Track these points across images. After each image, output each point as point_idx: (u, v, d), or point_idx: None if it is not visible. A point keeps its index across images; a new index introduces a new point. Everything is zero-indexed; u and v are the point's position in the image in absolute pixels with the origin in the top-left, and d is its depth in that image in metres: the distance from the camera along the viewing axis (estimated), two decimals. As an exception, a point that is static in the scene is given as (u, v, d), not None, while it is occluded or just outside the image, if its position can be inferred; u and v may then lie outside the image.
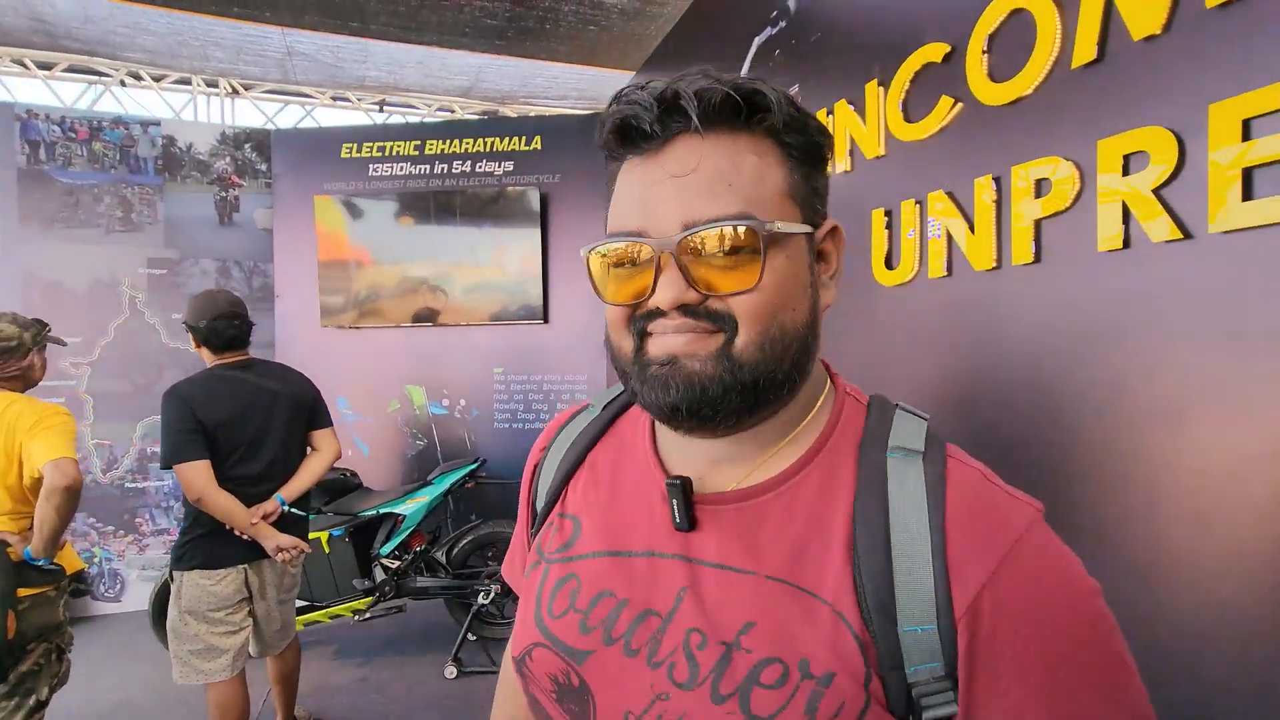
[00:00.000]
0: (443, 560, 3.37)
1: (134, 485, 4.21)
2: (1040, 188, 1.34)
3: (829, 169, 0.58)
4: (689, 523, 0.56)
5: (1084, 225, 1.25)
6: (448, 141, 4.35)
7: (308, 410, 2.40)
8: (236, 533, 2.18)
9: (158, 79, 4.81)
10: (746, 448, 0.56)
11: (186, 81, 4.86)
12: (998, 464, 0.56)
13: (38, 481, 1.98)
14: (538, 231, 4.13)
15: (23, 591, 1.97)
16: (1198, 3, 1.06)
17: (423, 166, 4.36)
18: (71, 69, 4.67)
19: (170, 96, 4.93)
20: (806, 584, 0.50)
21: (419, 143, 4.35)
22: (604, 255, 0.54)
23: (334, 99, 5.20)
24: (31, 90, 4.62)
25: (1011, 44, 1.40)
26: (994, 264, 1.44)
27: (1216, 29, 1.04)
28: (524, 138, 4.31)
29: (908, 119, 1.69)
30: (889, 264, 1.76)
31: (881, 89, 1.76)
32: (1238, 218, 0.99)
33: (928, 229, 1.63)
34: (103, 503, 4.14)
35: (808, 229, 0.54)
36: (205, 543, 2.19)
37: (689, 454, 0.59)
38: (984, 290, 1.49)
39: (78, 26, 3.96)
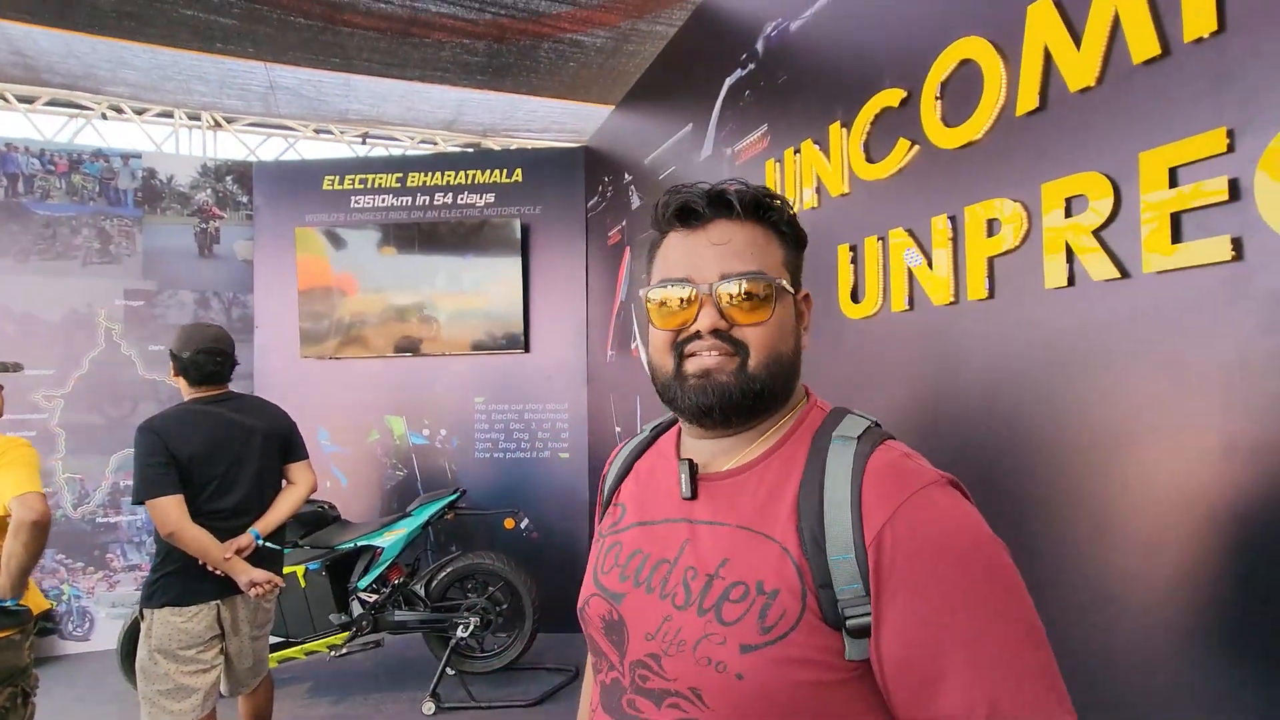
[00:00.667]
0: (421, 593, 3.33)
1: (105, 520, 4.13)
2: (991, 227, 1.40)
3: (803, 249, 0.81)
4: (692, 492, 0.75)
5: (1032, 263, 1.31)
6: (430, 174, 4.40)
7: (282, 443, 2.40)
8: (209, 568, 2.16)
9: (140, 112, 4.83)
10: (740, 442, 0.75)
11: (169, 115, 4.89)
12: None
13: (3, 518, 1.95)
14: (519, 261, 4.18)
15: None
16: (1125, 59, 1.14)
17: (405, 198, 4.40)
18: (53, 103, 4.68)
19: (152, 129, 4.95)
20: (764, 529, 0.69)
21: (401, 175, 4.41)
22: (660, 295, 0.75)
23: (317, 132, 5.25)
24: (12, 123, 4.62)
25: (962, 91, 1.48)
26: (952, 299, 1.50)
27: (1143, 83, 1.11)
28: (505, 170, 4.38)
29: (869, 159, 1.76)
30: (854, 297, 1.81)
31: (844, 130, 1.84)
32: (1167, 259, 1.05)
33: (895, 262, 1.69)
34: (72, 538, 4.06)
35: (792, 291, 0.76)
36: (177, 579, 2.16)
37: (699, 450, 0.78)
38: (943, 323, 1.54)
39: (59, 61, 3.99)
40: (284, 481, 2.42)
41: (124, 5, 3.22)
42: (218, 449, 2.21)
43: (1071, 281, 1.23)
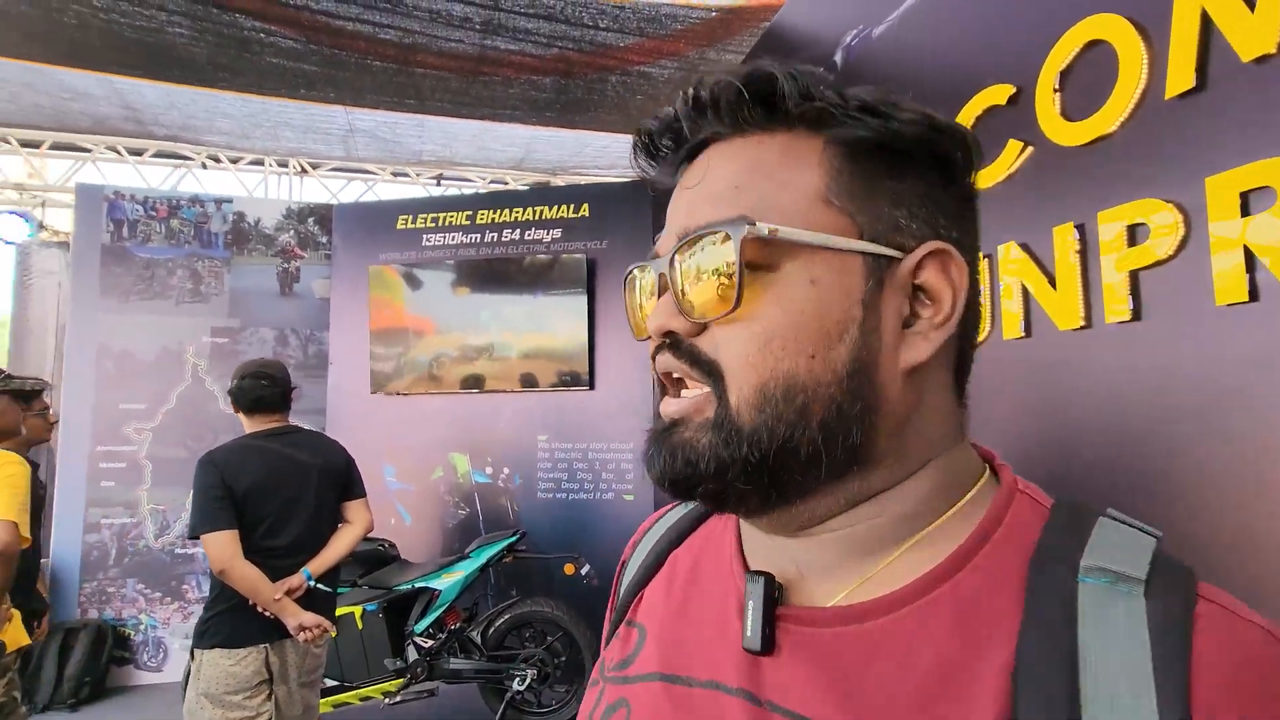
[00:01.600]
0: (478, 640, 3.19)
1: (183, 551, 4.23)
2: (1134, 235, 1.16)
3: (961, 176, 0.44)
4: (762, 641, 0.42)
5: (1195, 276, 1.05)
6: (498, 210, 4.43)
7: (340, 481, 2.33)
8: (260, 609, 2.08)
9: (235, 160, 5.14)
10: (845, 550, 0.43)
11: (260, 162, 5.17)
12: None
13: None
14: (584, 298, 4.10)
15: None
16: (1324, 12, 0.90)
17: (474, 235, 4.43)
18: (159, 154, 5.04)
19: (245, 176, 5.25)
20: None
21: (470, 212, 4.45)
22: (629, 284, 0.50)
23: (394, 175, 5.43)
24: (122, 174, 5.00)
25: (1088, 79, 1.26)
26: (1082, 322, 1.25)
27: (1352, 40, 0.87)
28: (571, 205, 4.35)
29: (970, 167, 1.54)
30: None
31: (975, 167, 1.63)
32: None
33: (1006, 282, 1.45)
34: (153, 568, 4.17)
35: (862, 246, 0.40)
36: (228, 619, 2.09)
37: (774, 552, 0.46)
38: (1071, 351, 1.29)
39: (163, 113, 4.29)
40: (341, 520, 2.35)
41: (217, 57, 3.40)
42: (273, 485, 2.15)
43: (1254, 295, 0.98)
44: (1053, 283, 1.31)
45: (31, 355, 5.73)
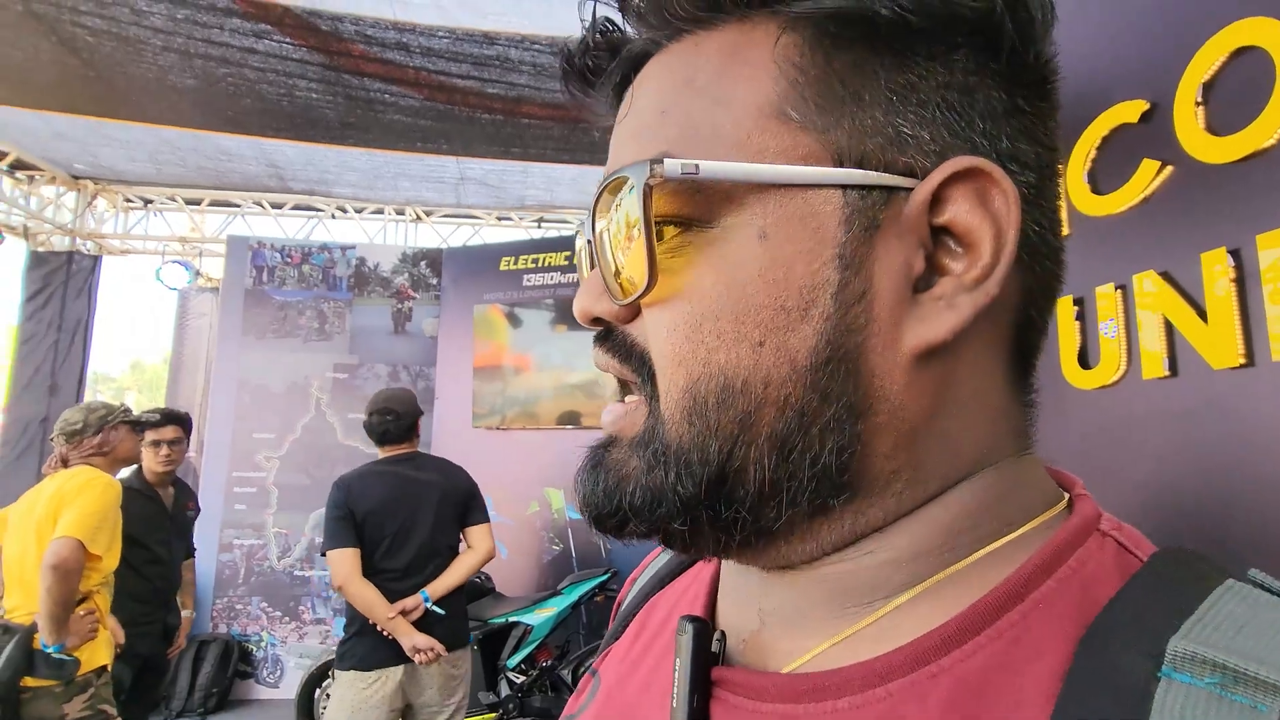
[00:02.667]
0: (568, 679, 3.17)
1: (301, 574, 4.51)
2: (1305, 259, 1.01)
3: (1021, 51, 0.31)
4: (689, 713, 0.30)
5: (1388, 305, 0.90)
6: (595, 251, 4.55)
7: (460, 505, 2.35)
8: (380, 630, 2.15)
9: (359, 210, 5.60)
10: (825, 594, 0.31)
11: (380, 211, 5.61)
12: None
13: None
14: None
15: (28, 681, 1.94)
16: None
17: (571, 275, 4.56)
18: (296, 207, 5.58)
19: (367, 224, 5.71)
20: None
21: (569, 253, 4.59)
22: (579, 255, 0.38)
23: (499, 219, 5.73)
24: (263, 225, 5.57)
25: (1237, 90, 1.13)
26: (1242, 360, 1.10)
27: None
28: (667, 244, 4.41)
29: (1096, 190, 1.42)
30: (1084, 362, 1.43)
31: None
32: None
33: (1145, 315, 1.31)
34: (274, 588, 4.47)
35: (838, 176, 0.28)
36: (363, 641, 2.16)
37: (742, 592, 0.35)
38: (1228, 391, 1.13)
39: (300, 169, 4.75)
40: (463, 546, 2.39)
41: (347, 118, 3.75)
42: (393, 507, 2.22)
43: None
44: (1203, 315, 1.17)
45: (184, 389, 6.42)
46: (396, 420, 2.33)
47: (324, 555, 2.20)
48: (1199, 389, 1.18)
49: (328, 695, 3.45)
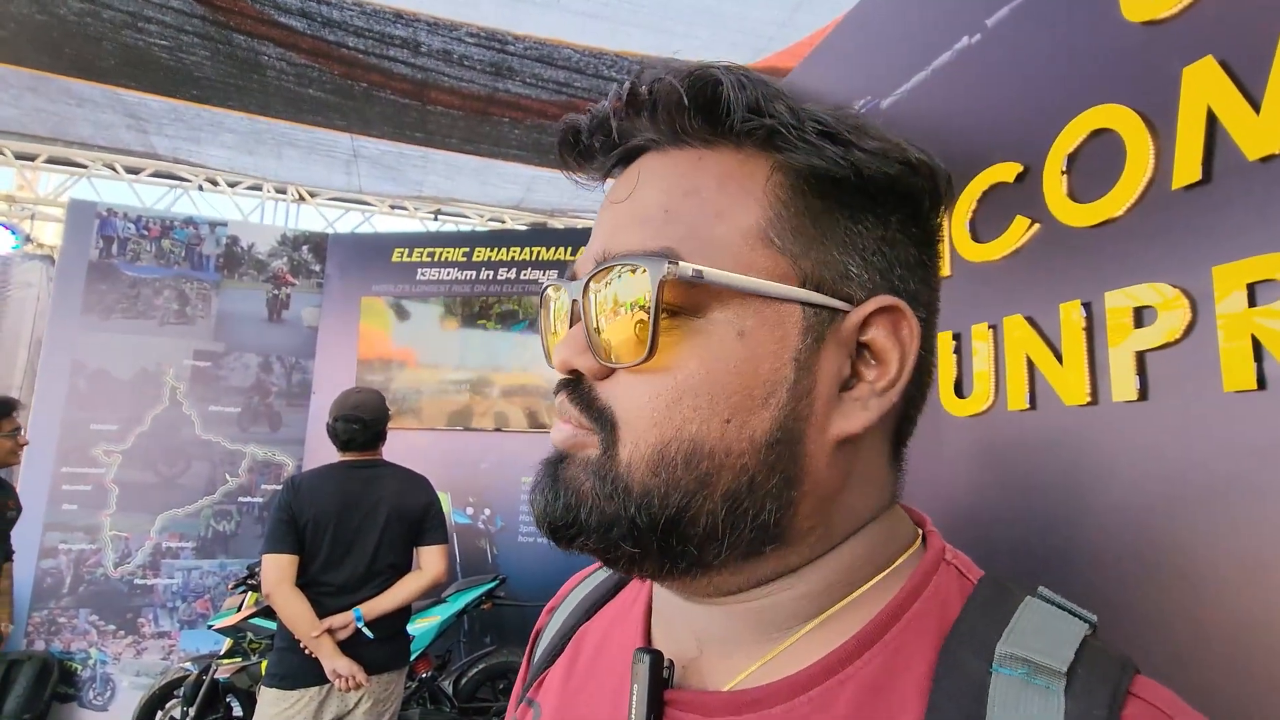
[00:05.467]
0: (449, 690, 3.06)
1: (143, 581, 4.05)
2: (1142, 316, 1.18)
3: (927, 219, 0.40)
4: None
5: (1203, 360, 1.08)
6: (495, 250, 4.45)
7: (413, 522, 2.20)
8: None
9: (232, 184, 5.12)
10: (752, 624, 0.38)
11: (258, 188, 5.17)
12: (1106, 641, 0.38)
13: None
14: (577, 339, 4.10)
15: None
16: (1330, 120, 0.94)
17: (469, 273, 4.44)
18: (156, 174, 5.02)
19: (242, 201, 5.23)
20: None
21: (467, 250, 4.46)
22: (543, 302, 0.43)
23: (393, 207, 5.45)
24: (117, 192, 4.96)
25: (1096, 164, 1.30)
26: (1088, 398, 1.27)
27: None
28: (569, 248, 4.39)
29: (975, 239, 1.59)
30: (959, 392, 1.59)
31: (945, 211, 1.67)
32: None
33: (1012, 354, 1.47)
34: (109, 598, 3.98)
35: (804, 296, 0.35)
36: (287, 656, 2.01)
37: (678, 622, 0.41)
38: (1077, 426, 1.30)
39: (167, 124, 4.27)
40: (412, 565, 2.22)
41: (227, 77, 3.42)
42: (338, 516, 2.08)
43: (1262, 384, 1.00)
44: (1059, 357, 1.33)
45: (0, 367, 5.56)
46: (364, 428, 2.20)
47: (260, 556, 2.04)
48: (1053, 421, 1.35)
49: (171, 717, 3.12)
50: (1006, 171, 1.50)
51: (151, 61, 3.33)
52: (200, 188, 5.12)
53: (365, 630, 2.05)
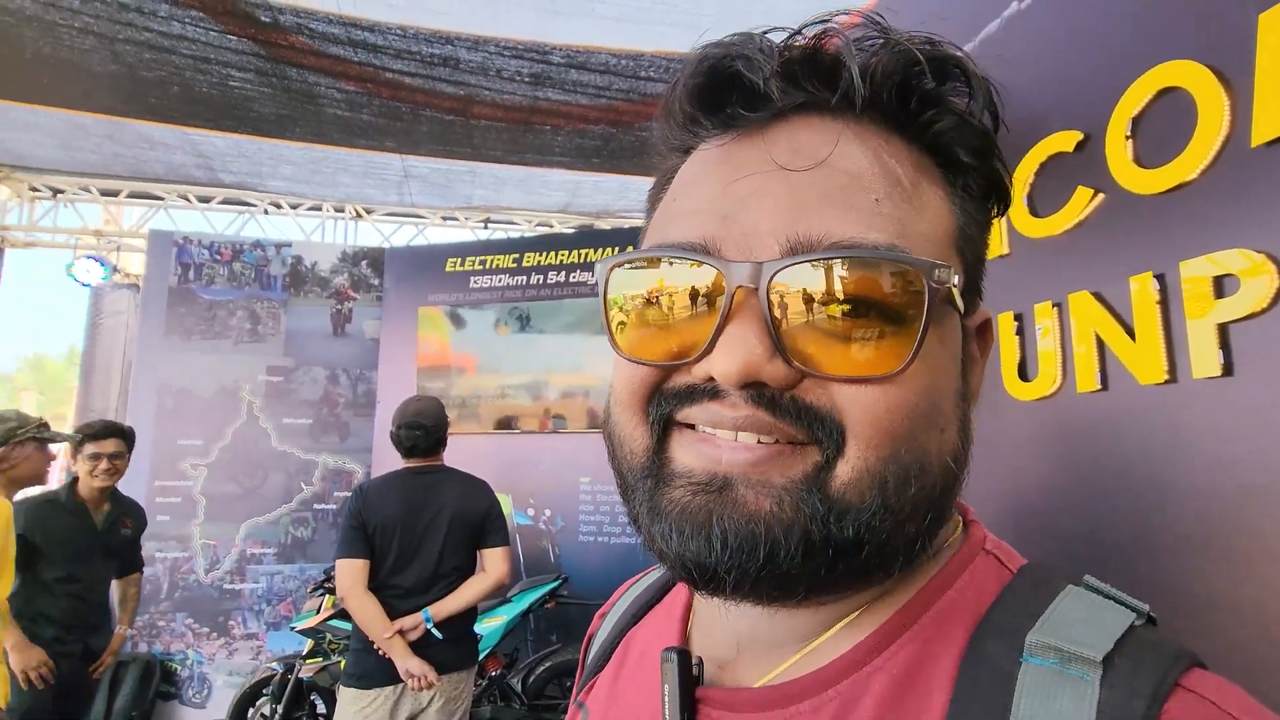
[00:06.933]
0: (517, 688, 3.13)
1: (231, 586, 4.29)
2: (1223, 285, 1.10)
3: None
4: None
5: (1293, 330, 1.00)
6: (544, 254, 4.51)
7: (475, 526, 2.25)
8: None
9: (295, 206, 5.37)
10: (799, 625, 0.36)
11: (318, 208, 5.39)
12: (1182, 634, 0.33)
13: None
14: (628, 339, 4.11)
15: None
16: None
17: (520, 278, 4.52)
18: (225, 201, 5.31)
19: (304, 221, 5.48)
20: None
21: (517, 255, 4.54)
22: (640, 283, 0.34)
23: (444, 219, 5.60)
24: (191, 220, 5.26)
25: (1163, 125, 1.22)
26: (1166, 376, 1.19)
27: None
28: (617, 248, 4.40)
29: (1035, 213, 1.51)
30: (1023, 375, 1.52)
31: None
32: None
33: (1080, 332, 1.40)
34: (202, 603, 4.23)
35: (960, 308, 0.35)
36: (362, 657, 2.09)
37: (717, 626, 0.40)
38: (1152, 407, 1.22)
39: (232, 160, 4.52)
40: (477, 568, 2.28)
41: (282, 110, 3.59)
42: (404, 522, 2.14)
43: (1364, 354, 0.91)
44: (1131, 334, 1.26)
45: (96, 391, 5.99)
46: (425, 435, 2.26)
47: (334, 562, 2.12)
48: (1127, 402, 1.27)
49: (262, 715, 3.30)
50: (1065, 140, 1.42)
51: (215, 101, 3.53)
52: (266, 211, 5.38)
53: (434, 631, 2.11)
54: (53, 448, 2.39)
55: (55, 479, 3.38)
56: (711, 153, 0.36)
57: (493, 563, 2.25)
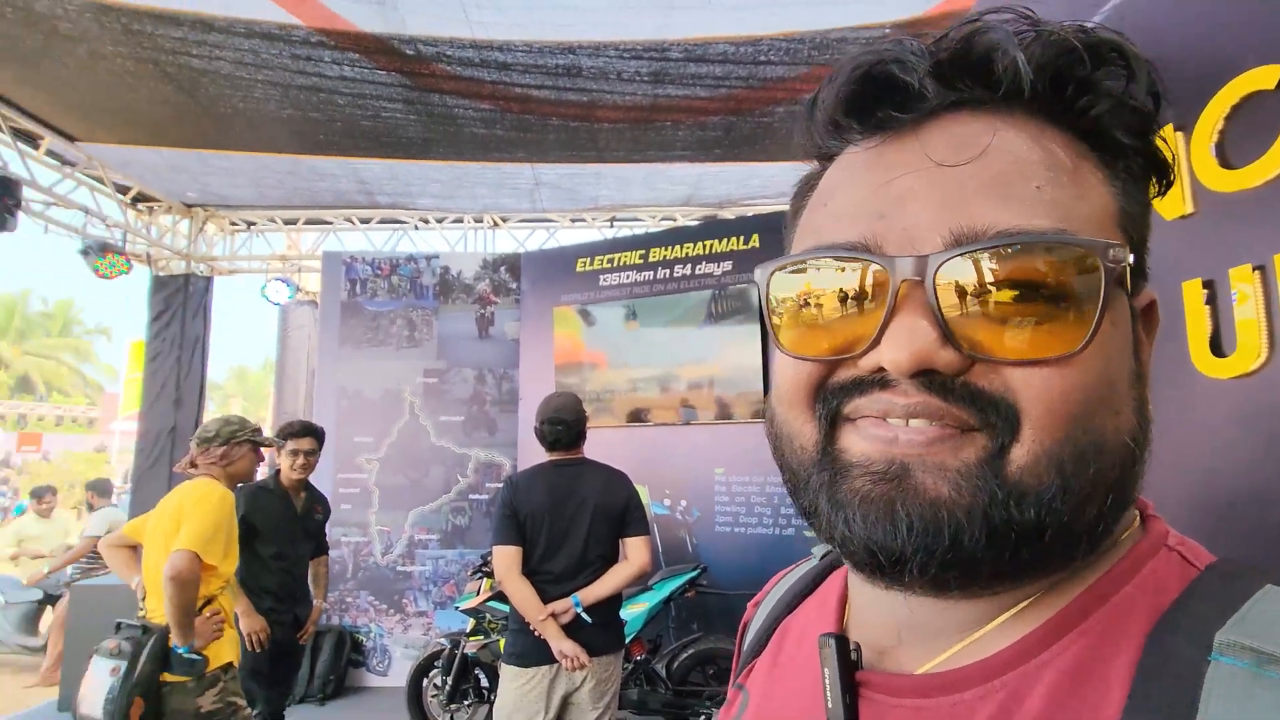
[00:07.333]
0: (662, 673, 3.22)
1: (403, 569, 4.76)
2: None
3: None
4: (844, 713, 0.36)
5: None
6: (669, 248, 4.56)
7: (616, 516, 2.33)
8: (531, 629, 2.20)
9: (440, 220, 5.83)
10: (965, 613, 0.35)
11: (460, 220, 5.82)
12: None
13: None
14: (757, 328, 4.07)
15: (166, 677, 2.12)
16: None
17: (647, 273, 4.60)
18: (382, 220, 5.87)
19: (448, 233, 5.93)
20: None
21: (643, 251, 4.63)
22: (798, 283, 0.36)
23: (573, 221, 5.83)
24: (355, 240, 5.87)
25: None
26: None
27: None
28: (741, 237, 4.37)
29: (1227, 165, 1.32)
30: (1217, 349, 1.34)
31: (1180, 134, 1.42)
32: None
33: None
34: (379, 583, 4.74)
35: (1128, 291, 0.35)
36: (520, 637, 2.24)
37: (878, 614, 0.40)
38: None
39: (386, 182, 4.99)
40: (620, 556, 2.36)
41: (428, 134, 3.91)
42: (550, 512, 2.27)
43: None
44: (1361, 297, 1.07)
45: (288, 395, 6.87)
46: (566, 429, 2.37)
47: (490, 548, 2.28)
48: (1358, 377, 1.09)
49: (434, 684, 3.64)
50: (1265, 77, 1.23)
51: (370, 131, 3.92)
52: (415, 226, 5.89)
53: (584, 615, 2.20)
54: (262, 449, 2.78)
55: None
56: (860, 156, 0.37)
57: (635, 551, 2.31)
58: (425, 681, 3.75)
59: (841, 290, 0.34)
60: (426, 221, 5.83)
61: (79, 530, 5.90)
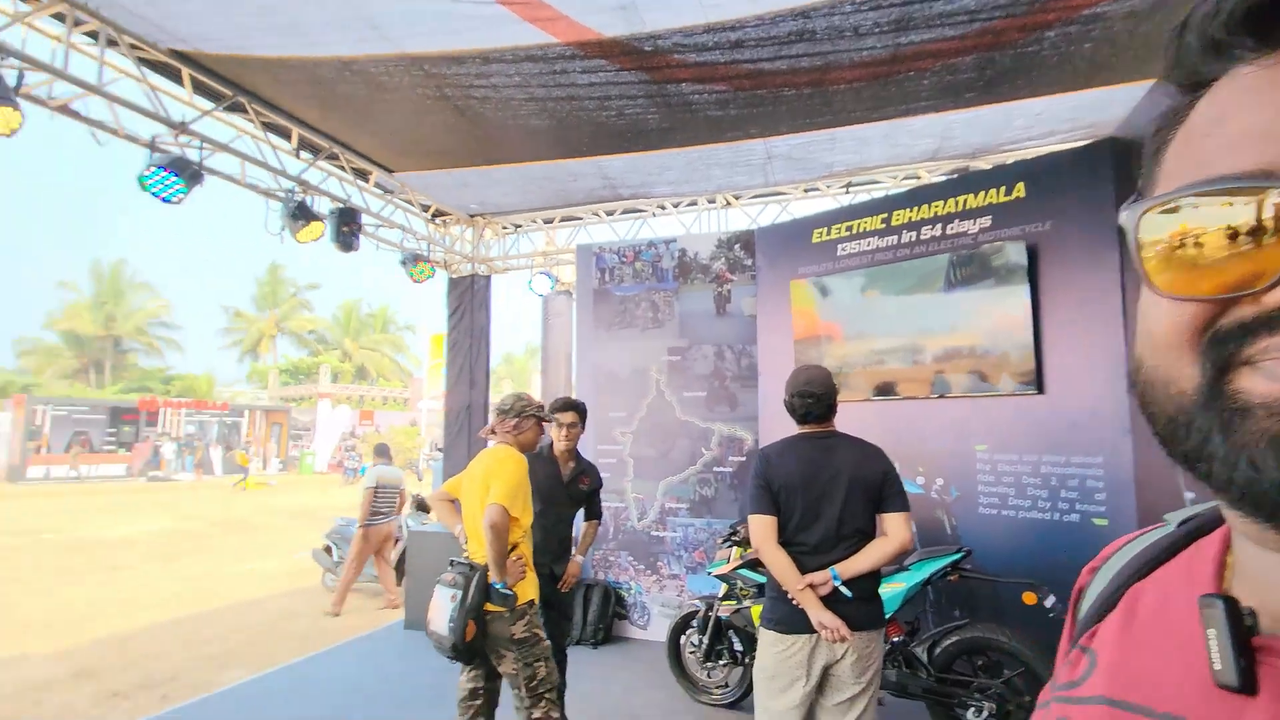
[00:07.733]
0: (923, 658, 3.07)
1: (656, 534, 5.15)
2: None
3: None
4: (1239, 675, 0.33)
5: None
6: (914, 209, 4.23)
7: (872, 491, 2.27)
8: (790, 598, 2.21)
9: (676, 205, 6.09)
10: None
11: (694, 203, 6.01)
12: None
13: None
14: (1025, 289, 3.61)
15: (489, 607, 2.56)
16: None
17: (890, 238, 4.33)
18: (625, 211, 6.30)
19: (684, 216, 6.17)
20: None
21: (885, 215, 4.36)
22: (1177, 220, 0.33)
23: (806, 191, 5.68)
24: (601, 232, 6.40)
25: None
26: None
27: None
28: (1003, 187, 3.89)
29: None
30: None
31: None
32: None
33: None
34: (636, 545, 5.18)
35: None
36: (779, 605, 2.26)
37: (1273, 579, 0.36)
38: None
39: (629, 174, 5.35)
40: (879, 531, 2.30)
41: (664, 124, 4.10)
42: (804, 483, 2.25)
43: None
44: None
45: (551, 377, 7.76)
46: (816, 401, 2.34)
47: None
48: None
49: (691, 642, 3.90)
50: None
51: (615, 129, 4.23)
52: (654, 214, 6.23)
53: (843, 589, 2.16)
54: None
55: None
56: (1250, 77, 0.33)
57: (894, 526, 2.22)
58: (682, 639, 4.03)
59: (1236, 223, 0.32)
60: (664, 208, 6.13)
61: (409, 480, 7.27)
